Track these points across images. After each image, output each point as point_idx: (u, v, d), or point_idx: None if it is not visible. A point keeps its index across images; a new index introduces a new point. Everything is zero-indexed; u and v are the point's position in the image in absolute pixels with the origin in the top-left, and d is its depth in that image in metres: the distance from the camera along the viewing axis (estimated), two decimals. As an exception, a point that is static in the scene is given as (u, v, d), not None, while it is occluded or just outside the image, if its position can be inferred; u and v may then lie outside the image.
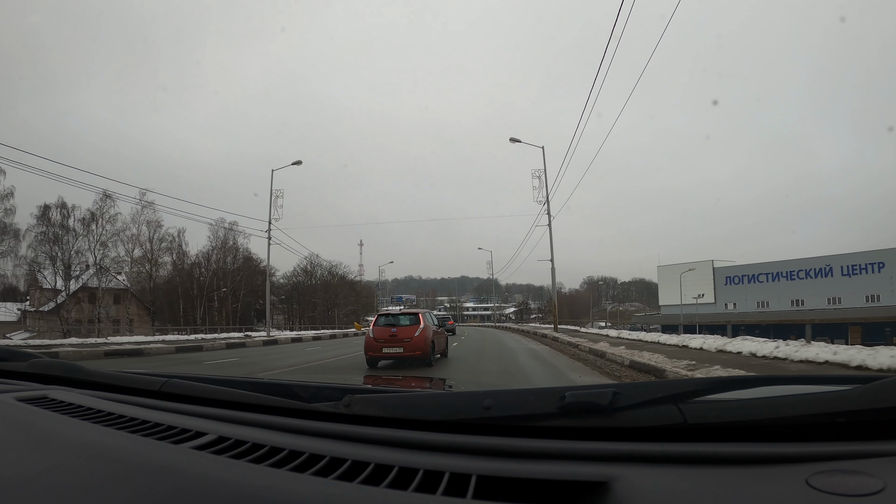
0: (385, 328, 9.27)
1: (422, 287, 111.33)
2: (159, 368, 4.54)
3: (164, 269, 39.21)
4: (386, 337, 9.07)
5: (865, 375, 0.73)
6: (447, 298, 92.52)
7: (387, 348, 9.00)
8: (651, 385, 1.41)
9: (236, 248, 42.92)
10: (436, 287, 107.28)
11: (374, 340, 9.15)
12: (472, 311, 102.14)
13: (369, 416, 0.84)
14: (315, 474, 0.65)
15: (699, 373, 6.72)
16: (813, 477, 0.54)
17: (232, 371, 9.35)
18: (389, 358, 9.15)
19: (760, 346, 8.78)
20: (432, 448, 0.72)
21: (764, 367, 7.05)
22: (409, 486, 0.61)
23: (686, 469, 0.60)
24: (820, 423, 0.65)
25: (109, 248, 32.81)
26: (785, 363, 7.28)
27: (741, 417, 0.69)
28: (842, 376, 1.02)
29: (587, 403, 0.71)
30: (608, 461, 0.64)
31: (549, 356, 12.26)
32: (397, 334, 9.03)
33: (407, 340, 8.97)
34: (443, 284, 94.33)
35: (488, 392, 0.83)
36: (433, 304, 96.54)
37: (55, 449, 0.74)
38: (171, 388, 1.05)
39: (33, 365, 1.32)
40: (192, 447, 0.74)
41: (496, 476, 0.62)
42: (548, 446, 0.69)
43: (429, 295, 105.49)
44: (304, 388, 1.06)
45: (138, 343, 16.46)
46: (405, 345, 8.93)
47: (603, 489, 0.57)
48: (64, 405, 0.99)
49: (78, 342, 15.93)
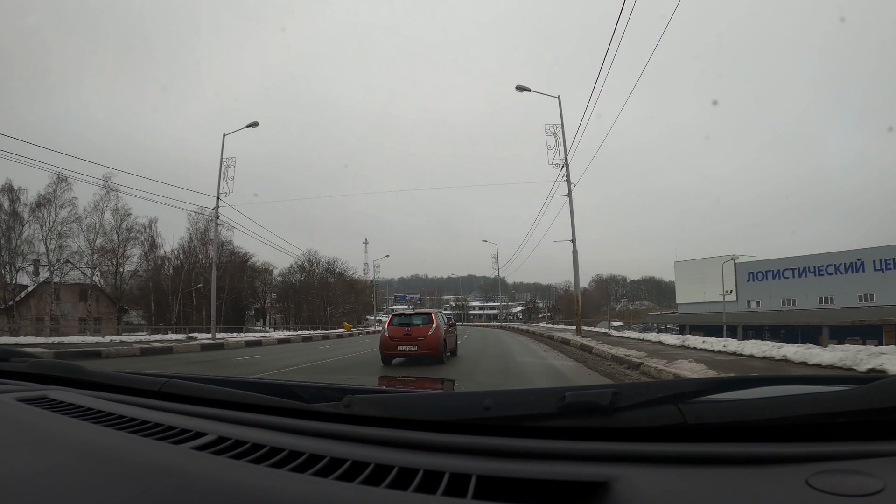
0: (399, 327, 9.76)
1: (427, 286, 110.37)
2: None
3: (134, 264, 35.83)
4: (401, 336, 9.55)
5: (865, 376, 0.73)
6: (453, 297, 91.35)
7: (402, 346, 9.46)
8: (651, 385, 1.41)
9: (220, 240, 38.53)
10: (442, 286, 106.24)
11: (390, 339, 9.62)
12: (478, 309, 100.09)
13: (369, 416, 0.84)
14: (315, 474, 0.65)
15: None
16: (813, 477, 0.54)
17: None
18: (404, 355, 9.56)
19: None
20: (432, 448, 0.72)
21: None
22: (409, 487, 0.61)
23: (686, 469, 0.60)
24: (820, 423, 0.65)
25: (65, 239, 29.48)
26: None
27: (741, 417, 0.69)
28: (842, 376, 1.02)
29: (587, 403, 0.71)
30: (608, 461, 0.64)
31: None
32: (411, 333, 9.51)
33: (421, 339, 9.42)
34: (449, 283, 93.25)
35: (488, 392, 0.83)
36: (439, 302, 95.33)
37: (55, 449, 0.74)
38: (171, 388, 1.06)
39: (33, 365, 1.32)
40: (193, 447, 0.74)
41: (496, 476, 0.62)
42: (548, 446, 0.69)
43: (434, 294, 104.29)
44: (304, 389, 1.06)
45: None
46: (419, 343, 9.39)
47: (603, 489, 0.57)
48: (64, 405, 0.99)
49: (26, 342, 14.00)
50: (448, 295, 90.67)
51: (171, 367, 10.22)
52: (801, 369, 6.66)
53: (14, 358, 1.40)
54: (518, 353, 12.96)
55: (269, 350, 16.27)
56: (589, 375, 8.06)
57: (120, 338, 19.67)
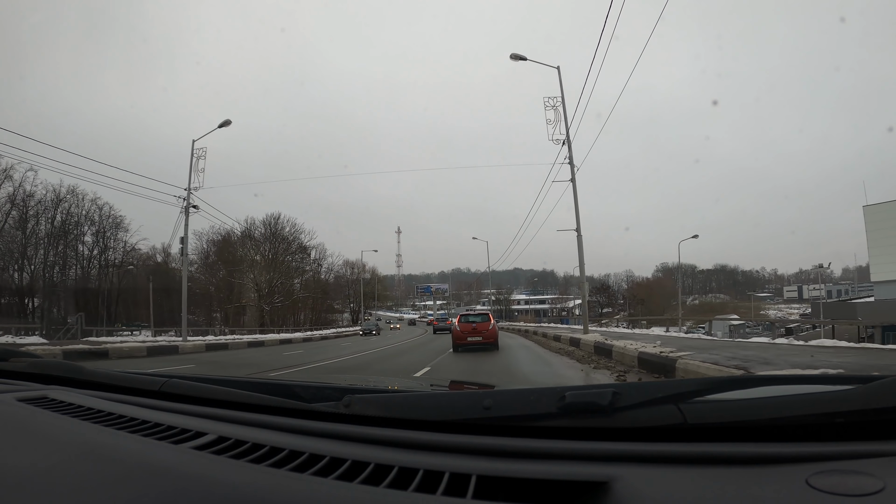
0: (467, 324, 13.42)
1: (466, 280, 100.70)
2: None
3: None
4: (469, 330, 13.18)
5: (865, 375, 0.73)
6: (494, 291, 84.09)
7: (470, 337, 13.01)
8: (651, 385, 1.41)
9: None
10: (482, 280, 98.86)
11: (460, 332, 13.21)
12: (523, 304, 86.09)
13: (369, 416, 0.84)
14: (315, 474, 0.65)
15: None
16: (813, 477, 0.54)
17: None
18: (472, 345, 12.86)
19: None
20: (432, 448, 0.72)
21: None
22: (409, 487, 0.61)
23: (686, 469, 0.60)
24: (820, 423, 0.65)
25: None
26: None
27: (741, 417, 0.69)
28: (842, 376, 1.02)
29: (587, 403, 0.72)
30: (608, 461, 0.64)
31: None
32: (477, 328, 13.15)
33: (484, 332, 13.07)
34: (492, 277, 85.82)
35: (488, 392, 0.83)
36: (477, 297, 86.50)
37: (55, 449, 0.74)
38: (171, 388, 1.06)
39: (33, 365, 1.32)
40: (193, 447, 0.74)
41: (496, 476, 0.62)
42: (548, 446, 0.69)
43: (473, 287, 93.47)
44: (304, 388, 1.06)
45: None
46: (482, 335, 12.97)
47: (603, 489, 0.57)
48: (64, 405, 0.99)
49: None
50: (488, 290, 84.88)
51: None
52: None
53: (14, 358, 1.40)
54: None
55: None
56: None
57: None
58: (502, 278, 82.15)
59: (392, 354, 14.00)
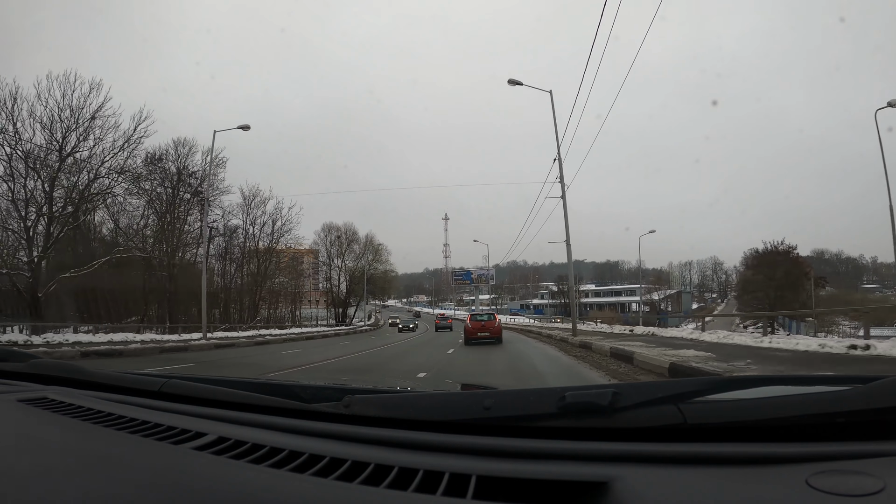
0: (477, 322, 16.05)
1: (523, 273, 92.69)
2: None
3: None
4: (479, 326, 15.75)
5: (865, 375, 0.73)
6: (553, 283, 70.61)
7: (480, 333, 15.45)
8: (651, 385, 1.41)
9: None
10: (543, 272, 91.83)
11: (471, 328, 15.73)
12: (591, 296, 73.61)
13: (369, 416, 0.84)
14: (315, 475, 0.65)
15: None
16: (813, 477, 0.54)
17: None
18: (481, 339, 15.24)
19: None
20: (432, 448, 0.72)
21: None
22: (409, 487, 0.61)
23: (686, 469, 0.60)
24: (820, 423, 0.65)
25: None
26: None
27: (741, 417, 0.69)
28: (842, 376, 1.02)
29: (587, 404, 0.72)
30: (608, 461, 0.64)
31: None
32: (485, 325, 15.77)
33: (491, 328, 15.69)
34: (552, 269, 75.65)
35: (488, 392, 0.83)
36: (534, 290, 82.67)
37: (55, 449, 0.74)
38: (171, 388, 1.05)
39: (33, 365, 1.32)
40: (193, 448, 0.74)
41: (496, 476, 0.62)
42: (548, 447, 0.69)
43: (526, 280, 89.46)
44: (304, 389, 1.06)
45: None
46: (490, 330, 15.54)
47: (603, 489, 0.57)
48: (64, 406, 0.99)
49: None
50: (548, 281, 76.68)
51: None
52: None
53: (14, 358, 1.40)
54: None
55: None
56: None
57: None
58: (561, 270, 66.98)
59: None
